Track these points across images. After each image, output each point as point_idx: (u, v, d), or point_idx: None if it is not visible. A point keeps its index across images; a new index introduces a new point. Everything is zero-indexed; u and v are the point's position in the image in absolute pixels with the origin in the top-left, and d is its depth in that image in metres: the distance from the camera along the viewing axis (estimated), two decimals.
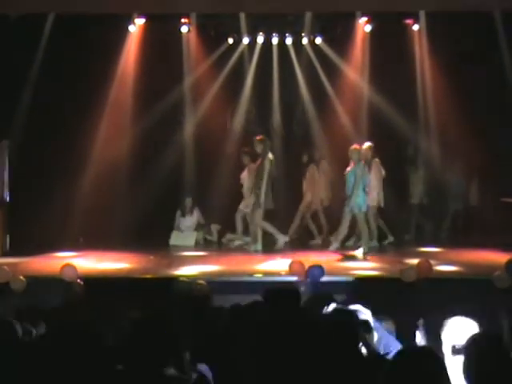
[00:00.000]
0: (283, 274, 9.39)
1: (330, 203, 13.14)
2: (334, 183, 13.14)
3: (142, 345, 3.80)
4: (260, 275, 9.65)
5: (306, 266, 8.71)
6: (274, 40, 13.68)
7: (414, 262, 9.48)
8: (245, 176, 12.62)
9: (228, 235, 13.20)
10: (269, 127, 13.88)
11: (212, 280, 8.31)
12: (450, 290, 8.37)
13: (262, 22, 13.48)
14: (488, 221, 12.40)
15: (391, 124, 13.10)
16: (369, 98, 13.56)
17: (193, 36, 13.61)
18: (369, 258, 11.18)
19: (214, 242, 13.24)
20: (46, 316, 6.01)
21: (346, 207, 11.56)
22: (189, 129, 13.79)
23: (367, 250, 11.36)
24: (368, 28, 13.37)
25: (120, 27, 13.08)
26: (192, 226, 13.26)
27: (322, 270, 8.57)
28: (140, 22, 13.21)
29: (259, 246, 12.05)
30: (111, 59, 13.13)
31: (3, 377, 3.97)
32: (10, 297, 8.01)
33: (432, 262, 9.37)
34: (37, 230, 11.93)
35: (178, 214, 13.30)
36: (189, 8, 12.62)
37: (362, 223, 11.52)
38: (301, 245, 12.39)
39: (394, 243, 12.57)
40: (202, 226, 13.30)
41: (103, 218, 12.78)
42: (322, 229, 13.16)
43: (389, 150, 12.77)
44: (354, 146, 11.64)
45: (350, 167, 11.53)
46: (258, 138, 12.09)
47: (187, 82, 13.70)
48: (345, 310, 4.97)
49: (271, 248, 12.01)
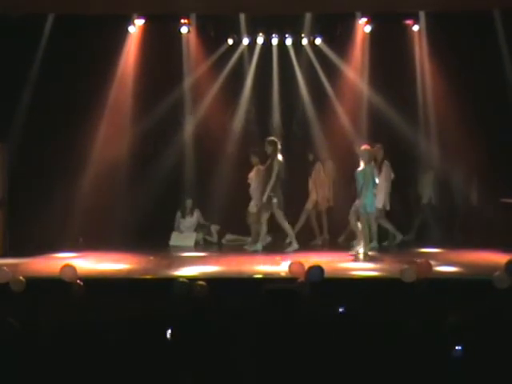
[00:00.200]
0: (283, 274, 9.39)
1: (333, 203, 13.12)
2: (334, 183, 13.15)
3: None
4: (260, 276, 9.65)
5: (306, 267, 8.70)
6: (274, 41, 13.65)
7: (414, 262, 9.49)
8: (252, 176, 12.49)
9: (228, 236, 13.21)
10: (268, 127, 13.87)
11: (212, 281, 8.30)
12: (450, 290, 8.37)
13: (262, 23, 13.48)
14: (488, 221, 12.41)
15: (391, 124, 13.10)
16: (368, 99, 13.55)
17: (192, 37, 13.60)
18: (369, 258, 11.19)
19: (213, 243, 13.24)
20: (45, 317, 6.00)
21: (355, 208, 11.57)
22: (189, 129, 13.78)
23: (368, 250, 11.35)
24: (368, 29, 13.36)
25: (120, 28, 13.08)
26: (192, 227, 13.26)
27: (321, 270, 8.55)
28: (140, 22, 13.21)
29: (259, 246, 12.06)
30: (111, 60, 13.13)
31: (3, 377, 3.97)
32: (9, 297, 7.99)
33: (432, 262, 9.36)
34: (37, 231, 11.94)
35: (178, 214, 13.30)
36: (188, 9, 12.64)
37: (364, 224, 11.48)
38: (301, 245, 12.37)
39: (394, 244, 12.54)
40: (203, 226, 13.30)
41: (103, 219, 12.79)
42: (322, 229, 13.15)
43: (391, 150, 12.77)
44: (365, 147, 11.53)
45: (360, 168, 11.47)
46: (268, 139, 12.08)
47: (187, 82, 13.68)
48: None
49: (271, 248, 12.02)
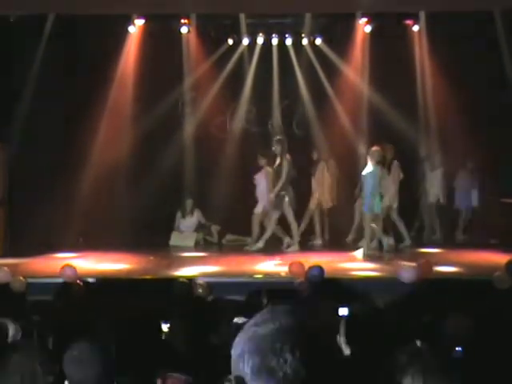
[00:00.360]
0: (283, 274, 9.39)
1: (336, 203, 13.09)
2: (338, 183, 13.15)
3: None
4: (260, 276, 9.65)
5: (306, 267, 8.69)
6: (274, 41, 13.66)
7: (415, 262, 9.48)
8: (259, 177, 12.31)
9: (228, 236, 13.20)
10: (269, 127, 13.88)
11: (212, 281, 8.30)
12: (450, 290, 8.36)
13: (262, 23, 13.48)
14: (488, 221, 12.40)
15: (391, 124, 13.08)
16: (369, 99, 13.55)
17: (193, 37, 13.60)
18: (369, 258, 11.19)
19: (214, 243, 13.23)
20: (45, 316, 6.00)
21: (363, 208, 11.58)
22: (189, 129, 13.78)
23: (368, 250, 11.36)
24: (368, 29, 13.36)
25: (120, 28, 13.09)
26: (192, 227, 13.26)
27: (321, 270, 8.54)
28: (140, 22, 13.21)
29: (261, 244, 12.00)
30: (111, 60, 13.13)
31: (3, 376, 3.96)
32: (9, 297, 7.98)
33: (432, 262, 9.36)
34: (37, 231, 11.93)
35: (178, 215, 13.30)
36: (188, 9, 12.63)
37: (368, 224, 11.50)
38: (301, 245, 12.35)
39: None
40: (203, 226, 13.29)
41: (103, 219, 12.78)
42: (323, 229, 13.12)
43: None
44: (376, 148, 11.56)
45: (370, 168, 11.47)
46: (276, 138, 12.04)
47: (187, 82, 13.69)
48: None
49: (272, 248, 12.01)
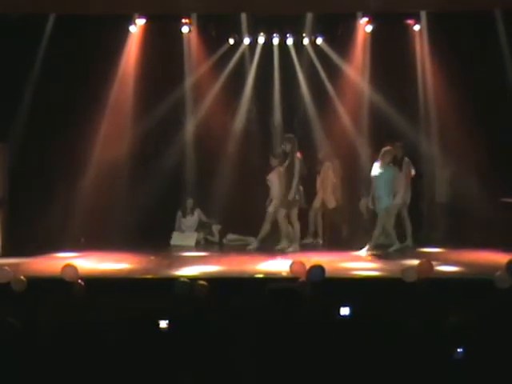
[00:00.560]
0: (284, 274, 9.39)
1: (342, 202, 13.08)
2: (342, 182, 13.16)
3: None
4: (261, 276, 9.65)
5: (307, 267, 8.70)
6: (275, 40, 13.63)
7: (415, 262, 9.49)
8: (272, 177, 12.15)
9: (229, 235, 13.20)
10: (270, 127, 13.88)
11: (213, 280, 8.30)
12: (451, 290, 8.37)
13: (263, 23, 13.47)
14: (488, 221, 12.40)
15: (392, 124, 13.08)
16: (369, 98, 13.54)
17: (194, 36, 13.59)
18: (371, 257, 11.22)
19: (215, 243, 13.23)
20: (46, 316, 6.01)
21: (375, 208, 11.60)
22: (190, 129, 13.78)
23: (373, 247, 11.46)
24: (369, 28, 13.34)
25: (121, 27, 13.08)
26: (193, 226, 13.26)
27: (322, 270, 8.55)
28: (141, 22, 13.20)
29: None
30: (112, 59, 13.13)
31: (3, 377, 3.97)
32: (10, 297, 7.99)
33: (433, 262, 9.36)
34: (38, 230, 11.95)
35: (179, 214, 13.31)
36: (190, 8, 12.63)
37: (381, 222, 11.55)
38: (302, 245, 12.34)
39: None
40: (204, 224, 13.29)
41: (104, 219, 12.79)
42: (326, 229, 13.08)
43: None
44: (388, 148, 11.58)
45: (381, 168, 11.48)
46: (286, 136, 12.01)
47: (188, 82, 13.68)
48: None
49: (272, 248, 12.03)
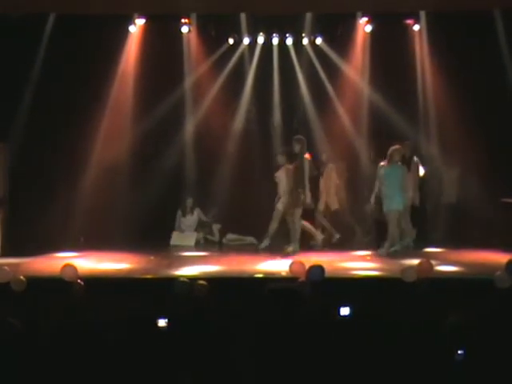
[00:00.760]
0: (284, 274, 9.39)
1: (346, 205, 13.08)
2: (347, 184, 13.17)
3: None
4: (261, 275, 9.66)
5: (307, 266, 8.70)
6: (275, 40, 13.65)
7: (415, 262, 9.49)
8: (280, 175, 12.04)
9: (228, 235, 13.20)
10: (269, 127, 13.88)
11: (213, 280, 8.29)
12: (451, 290, 8.37)
13: (263, 23, 13.47)
14: (488, 221, 12.40)
15: (391, 123, 13.09)
16: (369, 98, 13.55)
17: (193, 36, 13.60)
18: (371, 256, 11.26)
19: (215, 242, 13.23)
20: (46, 316, 6.01)
21: (384, 209, 11.58)
22: (189, 129, 13.79)
23: (399, 247, 11.46)
24: (368, 28, 13.35)
25: (121, 27, 13.09)
26: (193, 226, 13.27)
27: (322, 270, 8.54)
28: (140, 22, 13.22)
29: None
30: (112, 59, 13.13)
31: (3, 377, 3.97)
32: (10, 297, 7.99)
33: (433, 262, 9.36)
34: (37, 230, 11.95)
35: (179, 214, 13.31)
36: (189, 8, 12.63)
37: (394, 223, 11.53)
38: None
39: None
40: (204, 225, 13.29)
41: (104, 218, 12.80)
42: (324, 229, 13.09)
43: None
44: (396, 147, 11.57)
45: (390, 167, 11.48)
46: (295, 137, 11.97)
47: (188, 82, 13.69)
48: None
49: (273, 248, 12.03)
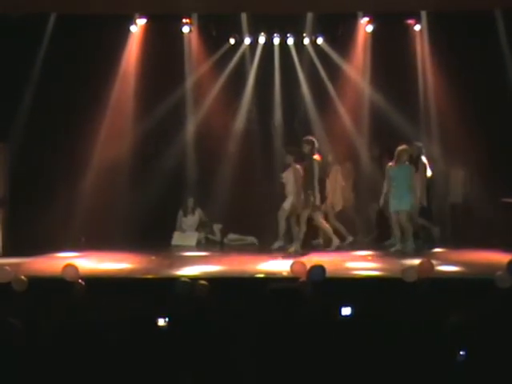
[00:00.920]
0: (285, 274, 9.39)
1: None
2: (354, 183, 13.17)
3: None
4: (262, 275, 9.66)
5: (308, 266, 8.70)
6: (276, 40, 13.64)
7: (416, 261, 9.49)
8: (287, 175, 12.04)
9: (230, 235, 13.20)
10: (270, 127, 13.89)
11: (214, 280, 8.29)
12: (452, 290, 8.36)
13: (264, 23, 13.47)
14: (489, 221, 12.40)
15: (392, 123, 13.09)
16: (370, 98, 13.55)
17: (194, 36, 13.60)
18: (372, 256, 11.27)
19: (216, 242, 13.23)
20: (47, 316, 6.01)
21: (391, 209, 11.63)
22: (190, 129, 13.79)
23: (414, 245, 11.56)
24: (369, 28, 13.34)
25: (122, 27, 13.09)
26: (194, 226, 13.26)
27: (323, 270, 8.54)
28: (141, 22, 13.21)
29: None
30: (113, 59, 13.13)
31: (3, 377, 3.97)
32: (11, 297, 8.00)
33: (433, 261, 9.36)
34: (38, 230, 11.94)
35: (180, 214, 13.31)
36: (190, 8, 12.63)
37: (407, 222, 11.58)
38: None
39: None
40: (205, 224, 13.29)
41: (105, 218, 12.80)
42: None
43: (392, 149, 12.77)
44: (404, 147, 11.60)
45: (398, 167, 11.51)
46: (305, 138, 11.95)
47: (189, 82, 13.69)
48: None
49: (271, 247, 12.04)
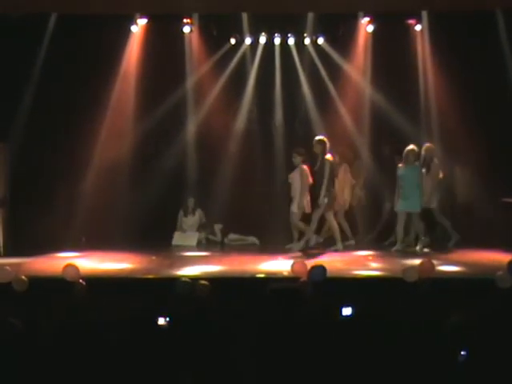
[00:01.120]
0: (285, 274, 9.39)
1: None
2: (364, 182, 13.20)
3: None
4: (262, 275, 9.66)
5: (308, 266, 8.70)
6: (277, 40, 13.64)
7: (417, 261, 9.49)
8: (294, 176, 12.02)
9: (230, 235, 13.20)
10: (271, 127, 13.88)
11: (214, 280, 8.29)
12: (453, 289, 8.36)
13: (265, 23, 13.48)
14: (489, 221, 12.39)
15: (393, 123, 13.09)
16: (371, 98, 13.54)
17: (195, 36, 13.61)
18: (372, 256, 11.26)
19: (217, 242, 13.23)
20: (47, 316, 6.01)
21: (399, 208, 11.66)
22: (191, 129, 13.79)
23: (425, 244, 11.62)
24: (370, 28, 13.34)
25: (122, 27, 13.09)
26: (194, 226, 13.27)
27: (324, 270, 8.54)
28: (142, 22, 13.22)
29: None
30: (113, 59, 13.13)
31: (4, 376, 3.97)
32: (12, 297, 8.00)
33: (434, 261, 9.36)
34: (39, 230, 11.95)
35: (181, 214, 13.32)
36: (191, 8, 12.63)
37: (418, 221, 11.65)
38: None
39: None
40: (205, 224, 13.29)
41: (105, 218, 12.80)
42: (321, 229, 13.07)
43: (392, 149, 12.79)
44: (412, 147, 11.61)
45: (406, 168, 11.53)
46: (317, 138, 11.93)
47: (189, 82, 13.69)
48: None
49: (274, 247, 12.03)
